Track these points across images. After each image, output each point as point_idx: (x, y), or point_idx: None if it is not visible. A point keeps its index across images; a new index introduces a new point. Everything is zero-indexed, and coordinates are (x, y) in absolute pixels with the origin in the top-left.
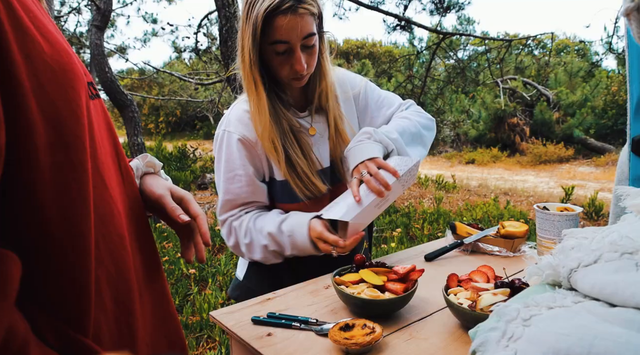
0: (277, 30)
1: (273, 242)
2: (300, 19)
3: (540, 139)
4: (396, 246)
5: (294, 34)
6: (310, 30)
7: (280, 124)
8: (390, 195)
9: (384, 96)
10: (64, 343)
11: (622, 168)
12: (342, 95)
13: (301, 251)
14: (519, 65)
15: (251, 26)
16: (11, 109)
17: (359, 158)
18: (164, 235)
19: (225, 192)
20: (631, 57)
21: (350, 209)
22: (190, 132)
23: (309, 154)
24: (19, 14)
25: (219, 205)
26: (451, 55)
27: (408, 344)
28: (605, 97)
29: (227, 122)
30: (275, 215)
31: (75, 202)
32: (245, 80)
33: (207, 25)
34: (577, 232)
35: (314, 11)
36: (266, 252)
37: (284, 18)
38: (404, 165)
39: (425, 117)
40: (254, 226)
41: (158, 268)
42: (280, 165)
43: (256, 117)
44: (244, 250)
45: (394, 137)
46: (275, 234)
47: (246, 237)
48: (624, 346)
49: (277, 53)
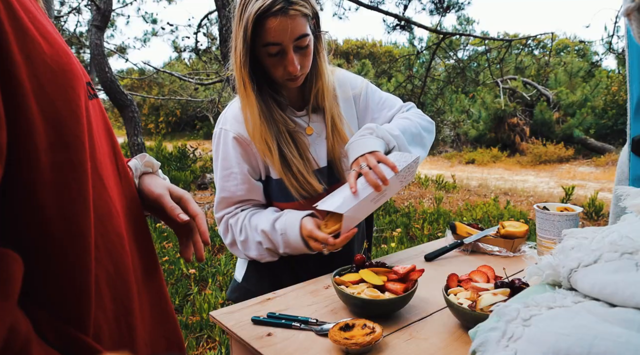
0: (269, 32)
1: (267, 240)
2: (292, 20)
3: (540, 139)
4: (396, 246)
5: (285, 35)
6: (303, 32)
7: (274, 124)
8: (388, 190)
9: (385, 98)
10: (65, 342)
11: (622, 168)
12: (341, 95)
13: (294, 250)
14: (519, 65)
15: (242, 28)
16: (12, 109)
17: (359, 151)
18: (163, 235)
19: (221, 190)
20: (631, 57)
21: (346, 201)
22: (190, 132)
23: (305, 154)
24: (19, 14)
25: (216, 203)
26: (451, 55)
27: (408, 344)
28: (605, 97)
29: (224, 120)
30: (269, 213)
31: (75, 202)
32: (237, 80)
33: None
34: (577, 232)
35: (306, 12)
36: (261, 249)
37: (275, 20)
38: (403, 161)
39: (425, 120)
40: (249, 223)
41: (156, 267)
42: (275, 165)
43: (246, 117)
44: (240, 247)
45: (396, 134)
46: (268, 232)
47: (241, 234)
48: (624, 346)
49: (270, 55)
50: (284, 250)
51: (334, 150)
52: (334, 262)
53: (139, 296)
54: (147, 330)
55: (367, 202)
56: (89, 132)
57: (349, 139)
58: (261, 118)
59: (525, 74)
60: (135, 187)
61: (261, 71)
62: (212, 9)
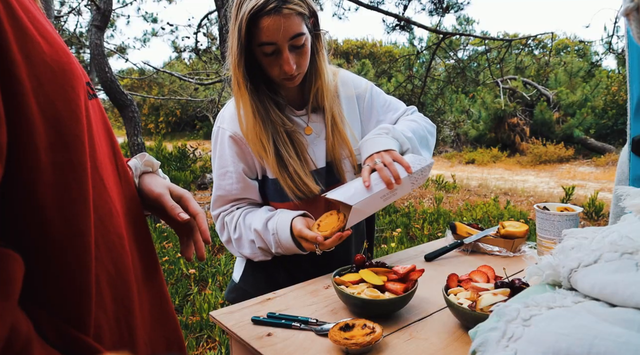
0: (263, 32)
1: (259, 239)
2: (286, 19)
3: (540, 139)
4: (396, 246)
5: (279, 35)
6: (298, 31)
7: (270, 124)
8: (399, 190)
9: (390, 100)
10: (65, 342)
11: (622, 168)
12: (343, 93)
13: (286, 250)
14: (519, 65)
15: (237, 28)
16: (12, 109)
17: (374, 148)
18: (163, 235)
19: (217, 188)
20: (631, 57)
21: (357, 194)
22: (190, 132)
23: (302, 154)
24: (18, 14)
25: (212, 201)
26: (451, 55)
27: (408, 344)
28: (605, 97)
29: (222, 119)
30: (263, 212)
31: (75, 202)
32: (232, 80)
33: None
34: (577, 232)
35: (301, 11)
36: (254, 248)
37: (269, 19)
38: (418, 164)
39: (430, 123)
40: (243, 222)
41: (156, 267)
42: (270, 165)
43: (240, 116)
44: (234, 245)
45: (409, 136)
46: (261, 232)
47: (235, 232)
48: (624, 346)
49: (266, 54)
50: (276, 250)
51: (334, 151)
52: (330, 263)
53: (139, 296)
54: (147, 331)
55: (377, 198)
56: (89, 132)
57: (349, 139)
58: (256, 118)
59: (525, 74)
60: (135, 187)
61: (259, 71)
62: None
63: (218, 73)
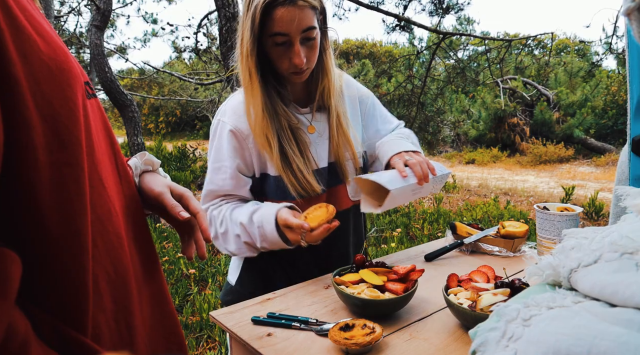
0: (276, 22)
1: (245, 233)
2: (300, 11)
3: (540, 139)
4: (396, 246)
5: (293, 26)
6: (310, 24)
7: (276, 119)
8: (423, 189)
9: (386, 113)
10: (63, 342)
11: (622, 168)
12: (347, 94)
13: (271, 244)
14: (519, 65)
15: (250, 17)
16: (9, 108)
17: (402, 147)
18: (164, 235)
19: (209, 182)
20: (631, 57)
21: (395, 181)
22: (190, 132)
23: (305, 152)
24: (15, 12)
25: (202, 195)
26: (451, 55)
27: (408, 344)
28: (605, 97)
29: (223, 112)
30: (250, 206)
31: (73, 201)
32: (242, 71)
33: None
34: (577, 232)
35: (314, 4)
36: (239, 242)
37: (283, 9)
38: (440, 170)
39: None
40: (230, 216)
41: (156, 267)
42: (274, 161)
43: (249, 109)
44: (221, 240)
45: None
46: (246, 225)
47: (222, 227)
48: (624, 346)
49: (277, 44)
50: (261, 244)
51: (339, 151)
52: (326, 263)
53: (139, 296)
54: (147, 331)
55: (408, 190)
56: (87, 131)
57: (352, 141)
58: (264, 111)
59: (525, 74)
60: (135, 187)
61: (267, 64)
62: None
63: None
